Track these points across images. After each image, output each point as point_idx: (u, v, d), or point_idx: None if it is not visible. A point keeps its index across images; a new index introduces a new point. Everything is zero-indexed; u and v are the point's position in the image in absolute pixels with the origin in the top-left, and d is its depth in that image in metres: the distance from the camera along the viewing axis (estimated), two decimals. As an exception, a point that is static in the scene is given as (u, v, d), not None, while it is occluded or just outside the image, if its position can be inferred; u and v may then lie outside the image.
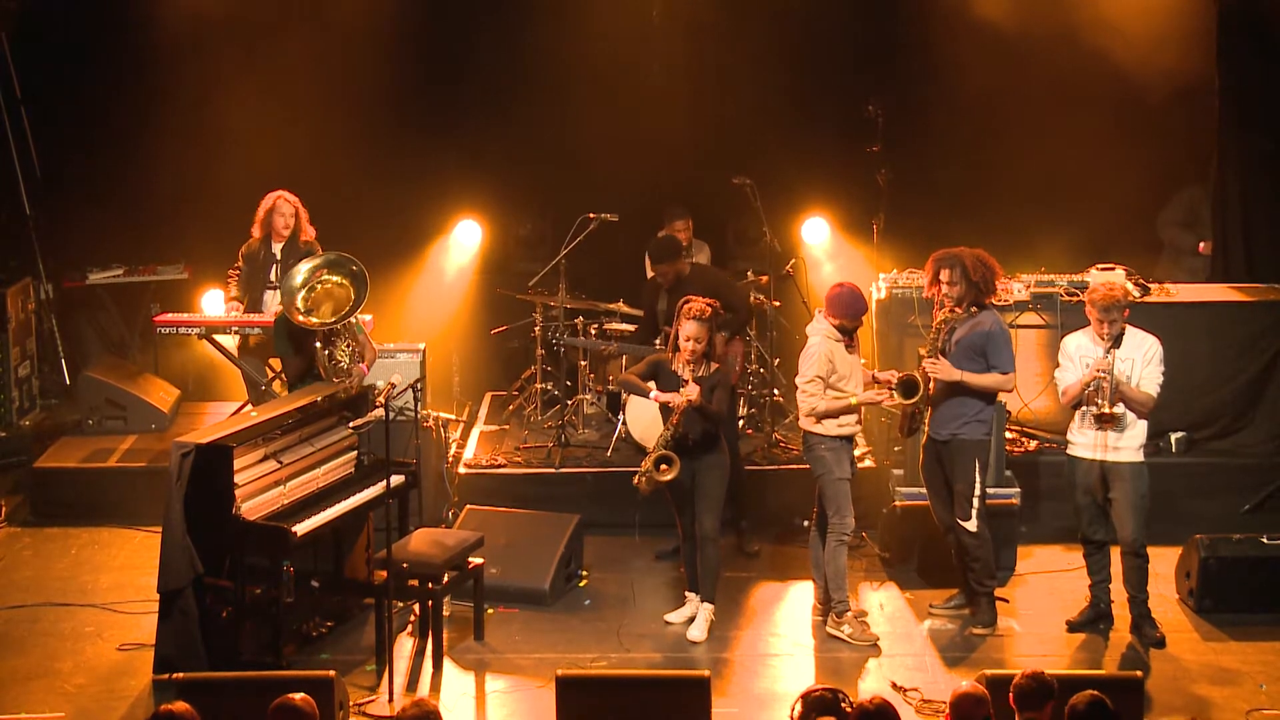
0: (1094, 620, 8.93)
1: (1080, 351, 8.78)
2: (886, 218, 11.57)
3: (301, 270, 9.41)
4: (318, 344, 9.29)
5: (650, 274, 10.46)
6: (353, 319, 9.45)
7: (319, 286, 9.37)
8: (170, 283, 12.43)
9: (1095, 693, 6.24)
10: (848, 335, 8.87)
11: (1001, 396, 9.46)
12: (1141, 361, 8.67)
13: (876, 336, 10.92)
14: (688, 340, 8.73)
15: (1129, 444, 8.70)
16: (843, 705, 6.15)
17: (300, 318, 9.21)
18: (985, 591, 8.96)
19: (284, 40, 11.79)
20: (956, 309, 8.76)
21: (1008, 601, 9.21)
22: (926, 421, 8.98)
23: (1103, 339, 8.64)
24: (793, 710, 6.19)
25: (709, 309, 8.78)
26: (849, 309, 8.81)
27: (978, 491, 8.84)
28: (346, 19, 11.85)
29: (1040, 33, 11.56)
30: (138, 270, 12.45)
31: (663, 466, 8.72)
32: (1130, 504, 8.69)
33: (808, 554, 9.43)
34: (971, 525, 8.83)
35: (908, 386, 8.76)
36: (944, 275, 8.76)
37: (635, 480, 8.84)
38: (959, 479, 8.85)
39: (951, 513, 8.92)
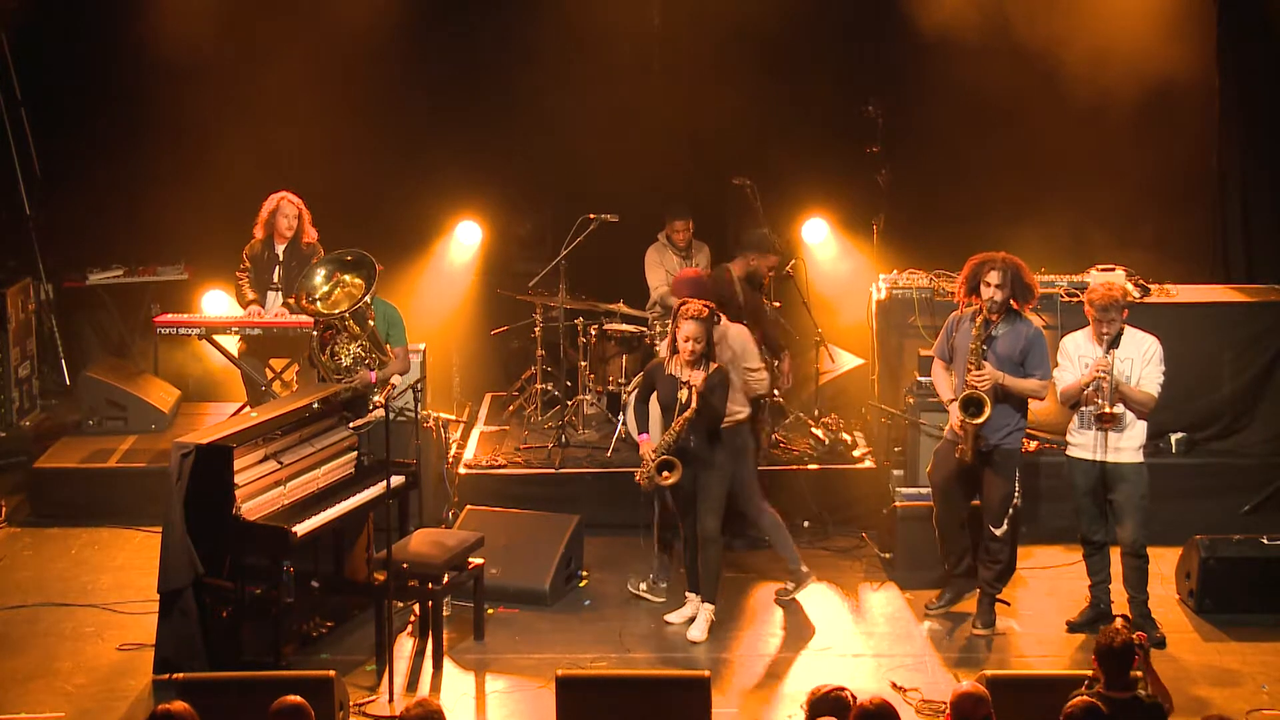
0: (1094, 621, 8.92)
1: (1079, 352, 8.78)
2: (886, 218, 11.56)
3: (323, 270, 9.42)
4: (314, 333, 9.29)
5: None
6: (370, 322, 9.43)
7: (339, 288, 9.38)
8: (170, 283, 12.43)
9: (1088, 699, 6.25)
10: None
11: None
12: (1141, 361, 8.67)
13: (876, 337, 10.92)
14: (687, 340, 8.72)
15: (1129, 444, 8.70)
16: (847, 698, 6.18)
17: (307, 307, 9.22)
18: (993, 593, 8.97)
19: (284, 41, 11.78)
20: (991, 314, 8.70)
21: (1009, 604, 9.20)
22: (947, 428, 8.97)
23: (1101, 339, 8.64)
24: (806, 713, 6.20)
25: (706, 310, 8.79)
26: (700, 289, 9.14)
27: (1015, 500, 8.88)
28: (347, 20, 11.84)
29: (1040, 33, 11.55)
30: (138, 271, 12.45)
31: (665, 473, 8.71)
32: (1130, 505, 8.70)
33: (809, 554, 9.52)
34: (1000, 531, 8.85)
35: (976, 404, 8.62)
36: (994, 278, 8.66)
37: (637, 477, 8.84)
38: (1000, 487, 8.82)
39: (959, 518, 8.91)
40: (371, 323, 9.44)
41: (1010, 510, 8.87)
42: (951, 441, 8.87)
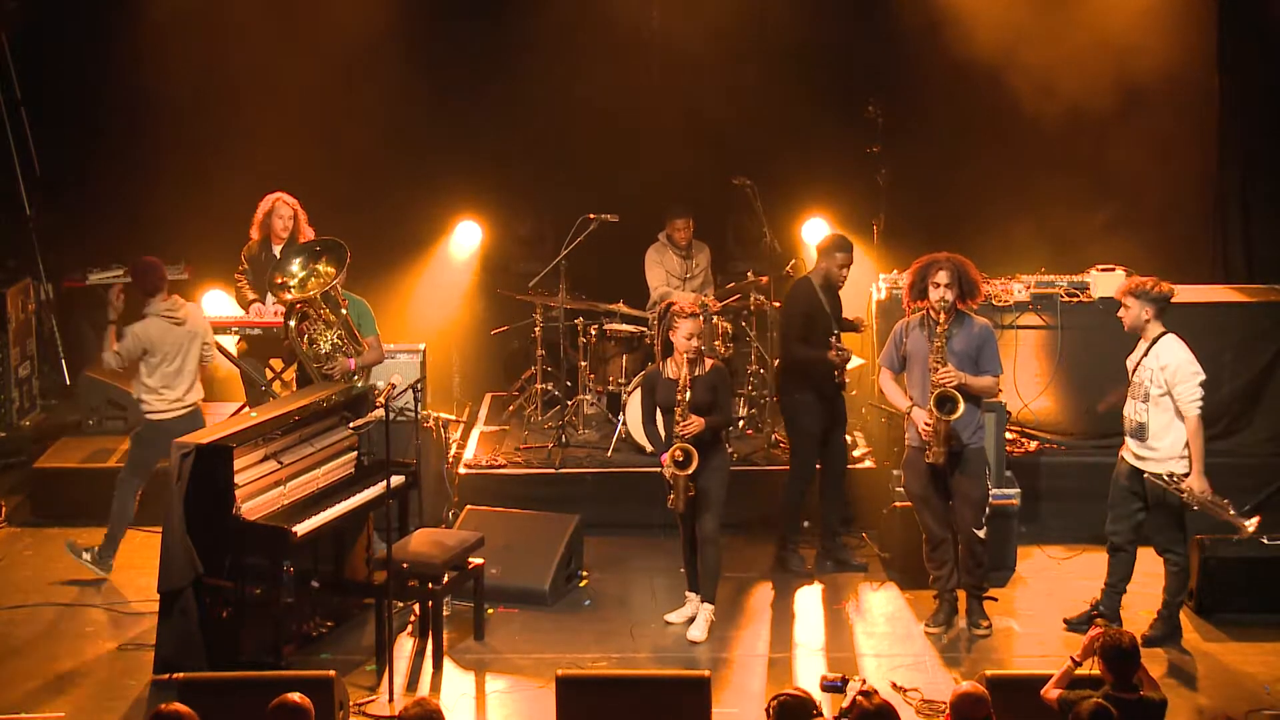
0: (1093, 621, 8.89)
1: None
2: (886, 218, 11.56)
3: (295, 260, 9.49)
4: (290, 322, 9.32)
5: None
6: (344, 310, 9.48)
7: (313, 277, 9.43)
8: (170, 283, 12.40)
9: (1099, 700, 6.25)
10: None
11: (1000, 397, 9.47)
12: (1167, 375, 8.49)
13: (876, 337, 10.91)
14: (690, 338, 8.71)
15: (1161, 454, 8.52)
16: (815, 712, 6.18)
17: (274, 293, 9.28)
18: (979, 594, 8.97)
19: (285, 41, 11.78)
20: (942, 314, 8.70)
21: (996, 600, 9.20)
22: (909, 435, 8.97)
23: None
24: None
25: (699, 307, 8.81)
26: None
27: (990, 499, 8.92)
28: (347, 21, 11.84)
29: (1040, 33, 11.54)
30: (138, 270, 12.42)
31: (685, 467, 8.67)
32: (1159, 510, 8.62)
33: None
34: (983, 533, 8.87)
35: (951, 401, 8.59)
36: (942, 278, 8.68)
37: (669, 503, 8.81)
38: (976, 489, 8.84)
39: (949, 524, 8.90)
40: (345, 311, 9.47)
41: (987, 510, 8.90)
42: (919, 449, 8.85)
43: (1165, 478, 8.45)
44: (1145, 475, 8.56)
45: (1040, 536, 10.14)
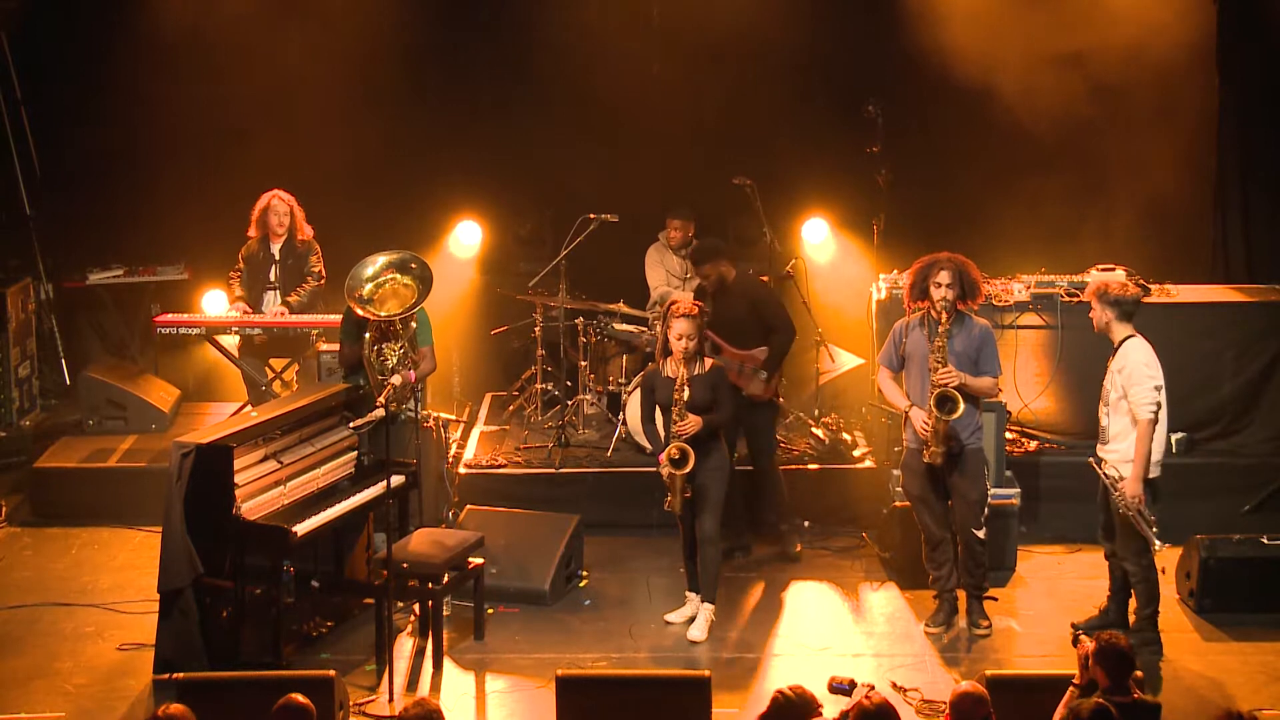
0: (1100, 629, 8.85)
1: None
2: (886, 218, 11.55)
3: (376, 263, 9.39)
4: (366, 335, 9.29)
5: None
6: (413, 324, 9.43)
7: (387, 284, 9.37)
8: (170, 283, 12.43)
9: (1100, 700, 6.25)
10: None
11: (1000, 397, 9.46)
12: (1123, 379, 8.50)
13: (876, 337, 10.91)
14: (679, 339, 8.72)
15: (1123, 456, 8.50)
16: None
17: (359, 307, 9.22)
18: (979, 594, 8.97)
19: (285, 40, 11.78)
20: (944, 314, 8.70)
21: (996, 600, 9.20)
22: (907, 435, 8.98)
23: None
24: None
25: (695, 307, 8.81)
26: None
27: (990, 498, 8.92)
28: (348, 20, 11.85)
29: (1040, 33, 11.55)
30: (138, 271, 12.43)
31: (682, 468, 8.67)
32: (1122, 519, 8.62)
33: (809, 554, 9.70)
34: (982, 533, 8.86)
35: (951, 401, 8.58)
36: (944, 278, 8.68)
37: (666, 505, 8.82)
38: (974, 489, 8.83)
39: (948, 524, 8.90)
40: (414, 324, 9.45)
41: (986, 510, 8.90)
42: (917, 450, 8.84)
43: (1110, 473, 8.46)
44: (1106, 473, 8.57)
45: (1040, 536, 10.14)
